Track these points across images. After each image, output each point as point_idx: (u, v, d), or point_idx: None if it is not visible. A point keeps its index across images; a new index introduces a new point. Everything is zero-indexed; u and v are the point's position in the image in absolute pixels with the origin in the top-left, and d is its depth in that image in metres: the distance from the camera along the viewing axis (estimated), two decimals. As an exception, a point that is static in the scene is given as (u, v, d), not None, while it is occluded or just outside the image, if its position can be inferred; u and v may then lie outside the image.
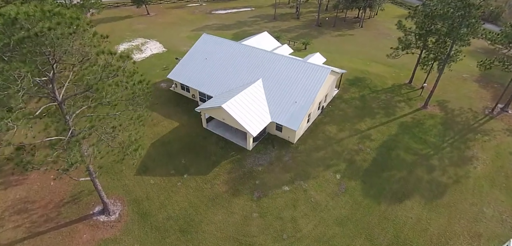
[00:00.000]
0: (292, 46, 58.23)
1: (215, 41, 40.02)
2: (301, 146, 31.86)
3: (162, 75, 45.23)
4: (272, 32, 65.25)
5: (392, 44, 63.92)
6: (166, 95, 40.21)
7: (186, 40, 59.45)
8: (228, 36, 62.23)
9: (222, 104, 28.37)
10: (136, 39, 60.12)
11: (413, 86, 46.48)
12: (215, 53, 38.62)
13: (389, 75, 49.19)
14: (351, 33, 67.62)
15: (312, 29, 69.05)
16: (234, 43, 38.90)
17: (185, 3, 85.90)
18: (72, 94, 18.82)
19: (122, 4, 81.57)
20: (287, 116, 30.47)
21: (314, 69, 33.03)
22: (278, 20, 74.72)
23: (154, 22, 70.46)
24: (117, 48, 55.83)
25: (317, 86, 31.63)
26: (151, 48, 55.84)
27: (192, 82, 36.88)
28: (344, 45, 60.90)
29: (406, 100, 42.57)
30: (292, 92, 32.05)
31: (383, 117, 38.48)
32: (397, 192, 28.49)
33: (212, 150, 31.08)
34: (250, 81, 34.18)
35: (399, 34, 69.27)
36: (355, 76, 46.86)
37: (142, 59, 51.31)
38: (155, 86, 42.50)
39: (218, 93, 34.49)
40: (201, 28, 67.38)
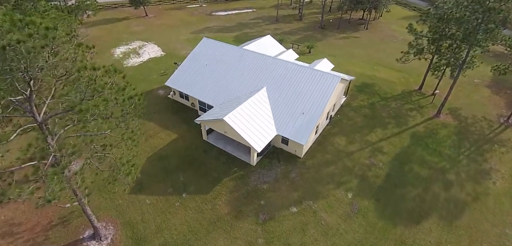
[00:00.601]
0: (295, 49, 55.96)
1: (216, 46, 37.75)
2: (309, 161, 29.60)
3: (159, 81, 42.94)
4: (274, 35, 62.99)
5: (399, 47, 62.09)
6: (164, 103, 37.93)
7: (186, 43, 57.18)
8: (229, 39, 60.02)
9: (224, 117, 26.12)
10: (134, 42, 57.80)
11: (423, 92, 44.25)
12: (216, 59, 36.36)
13: (398, 80, 46.95)
14: (356, 36, 65.36)
15: (316, 32, 66.77)
16: (236, 48, 36.65)
17: (184, 4, 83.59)
18: (53, 114, 16.53)
19: (120, 5, 79.29)
20: (294, 129, 28.21)
21: (322, 77, 30.76)
22: (280, 22, 72.44)
23: (152, 24, 68.15)
24: (113, 51, 53.57)
25: (326, 96, 29.38)
26: (149, 51, 53.54)
27: (191, 90, 34.62)
28: (349, 48, 58.65)
29: (418, 108, 40.34)
30: (299, 102, 29.80)
31: (395, 127, 36.25)
32: (413, 212, 26.27)
33: (213, 165, 28.81)
34: (254, 89, 31.93)
35: (406, 37, 67.43)
36: (363, 82, 44.59)
37: (139, 64, 49.02)
38: (152, 93, 40.21)
39: (219, 103, 32.24)
40: (201, 30, 65.11)
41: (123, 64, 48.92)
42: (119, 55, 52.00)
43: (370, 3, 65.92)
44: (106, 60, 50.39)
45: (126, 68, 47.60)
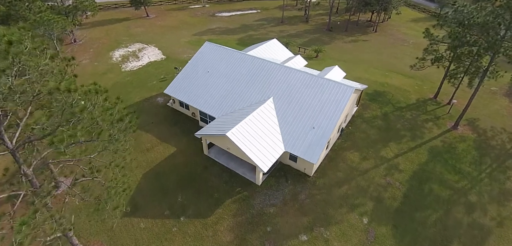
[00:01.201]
0: (302, 54, 53.41)
1: (219, 51, 35.30)
2: (320, 180, 27.06)
3: (159, 88, 40.55)
4: (279, 38, 60.39)
5: (411, 52, 59.42)
6: (163, 112, 35.53)
7: (187, 46, 54.79)
8: (232, 42, 57.55)
9: (227, 133, 23.67)
10: (133, 44, 55.51)
11: (439, 101, 41.51)
12: (219, 65, 33.91)
13: (411, 88, 44.24)
14: (365, 39, 62.62)
15: (323, 34, 64.10)
16: (241, 54, 34.16)
17: (186, 5, 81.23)
18: (26, 141, 14.17)
19: (121, 5, 77.14)
20: (304, 145, 25.69)
21: (335, 87, 28.20)
22: (286, 23, 69.84)
23: (153, 25, 65.83)
24: (112, 54, 51.29)
25: (339, 109, 26.83)
26: (148, 55, 51.20)
27: (192, 99, 32.19)
28: (358, 52, 55.95)
29: (434, 119, 37.63)
30: (309, 114, 27.26)
31: (410, 140, 33.61)
32: (435, 240, 23.68)
33: (215, 184, 26.37)
34: (259, 100, 29.45)
35: (417, 40, 64.71)
36: (374, 90, 41.94)
37: (138, 68, 46.67)
38: (151, 101, 37.81)
39: (221, 114, 29.79)
40: (203, 32, 62.68)
41: (122, 69, 46.61)
42: (118, 59, 49.71)
43: (380, 4, 63.14)
44: (104, 64, 48.18)
45: (124, 73, 45.30)
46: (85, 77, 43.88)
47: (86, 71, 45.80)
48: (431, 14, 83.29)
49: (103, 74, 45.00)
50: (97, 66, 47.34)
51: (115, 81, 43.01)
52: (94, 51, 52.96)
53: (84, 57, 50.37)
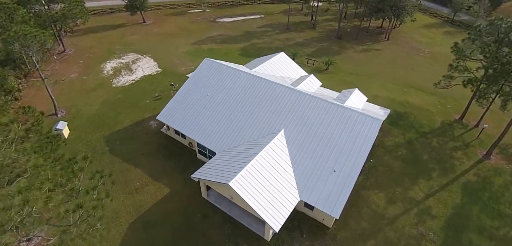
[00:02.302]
0: (311, 65, 48.91)
1: (220, 70, 30.86)
2: (341, 232, 22.59)
3: (152, 109, 36.11)
4: (286, 47, 55.94)
5: (427, 63, 54.54)
6: (156, 141, 31.11)
7: (185, 58, 50.30)
8: (234, 52, 53.04)
9: (230, 182, 19.24)
10: (127, 54, 51.06)
11: (466, 124, 37.00)
12: (220, 87, 29.46)
13: (434, 108, 39.70)
14: (378, 48, 58.04)
15: (332, 43, 59.53)
16: (246, 74, 29.66)
17: (186, 9, 76.68)
18: None
19: (117, 9, 72.51)
20: (324, 194, 21.22)
21: (359, 119, 23.73)
22: (292, 30, 65.26)
23: (149, 32, 61.34)
24: (103, 67, 46.85)
25: (366, 147, 22.40)
26: (143, 67, 46.75)
27: (188, 128, 27.74)
28: (372, 64, 51.40)
29: (463, 147, 33.16)
30: (329, 153, 22.81)
31: (441, 176, 29.13)
32: None
33: (215, 239, 21.93)
34: (268, 131, 25.01)
35: (433, 49, 59.99)
36: (395, 111, 37.42)
37: (131, 83, 42.20)
38: (143, 125, 33.39)
39: (223, 148, 25.34)
40: (203, 40, 58.15)
41: (113, 84, 42.16)
42: (109, 72, 45.26)
43: (393, 10, 58.48)
44: (94, 78, 43.74)
45: (115, 89, 40.85)
46: (72, 95, 39.57)
47: (74, 87, 41.37)
48: (444, 19, 78.70)
49: (91, 91, 40.57)
50: (86, 81, 42.90)
51: (105, 99, 38.58)
52: (84, 62, 48.53)
53: (73, 70, 45.94)
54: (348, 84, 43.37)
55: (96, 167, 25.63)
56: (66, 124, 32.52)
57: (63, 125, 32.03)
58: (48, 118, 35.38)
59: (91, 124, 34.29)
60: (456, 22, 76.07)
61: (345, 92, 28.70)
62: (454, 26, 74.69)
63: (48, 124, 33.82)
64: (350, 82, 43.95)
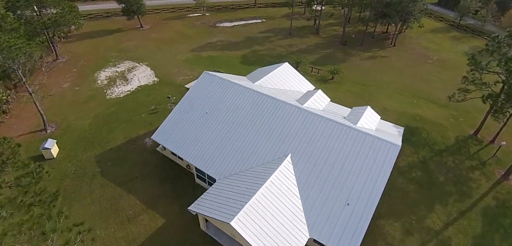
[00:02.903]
0: (315, 74, 46.66)
1: (220, 85, 28.61)
2: (354, 272, 20.37)
3: (148, 124, 33.90)
4: (289, 54, 53.73)
5: (437, 71, 51.93)
6: (151, 161, 28.86)
7: (183, 66, 48.00)
8: (235, 59, 50.77)
9: (231, 221, 17.02)
10: (123, 62, 48.80)
11: (481, 139, 34.82)
12: (220, 104, 27.22)
13: (446, 121, 37.49)
14: (384, 55, 55.80)
15: (336, 49, 57.28)
16: (248, 90, 27.37)
17: (185, 13, 74.41)
18: None
19: (113, 13, 70.26)
20: (336, 230, 18.99)
21: (376, 145, 21.50)
22: (294, 35, 63.00)
23: (146, 38, 59.05)
24: (97, 76, 44.58)
25: (383, 176, 20.19)
26: (139, 76, 44.48)
27: (186, 150, 25.48)
28: (378, 72, 49.16)
29: (480, 166, 30.98)
30: (341, 183, 20.58)
31: (458, 200, 26.94)
32: None
33: (215, 280, 19.73)
34: (273, 156, 22.79)
35: (441, 56, 57.60)
36: (406, 125, 35.17)
37: (126, 95, 39.92)
38: (137, 143, 31.12)
39: (224, 174, 23.10)
40: (202, 47, 55.86)
41: (107, 95, 39.89)
42: (103, 82, 42.99)
43: (399, 15, 56.26)
44: (87, 89, 41.48)
45: (109, 101, 38.58)
46: (63, 108, 37.34)
47: (65, 99, 39.11)
48: (450, 24, 76.56)
49: (84, 103, 38.30)
50: (78, 92, 40.64)
51: (97, 112, 36.31)
52: (78, 71, 46.26)
53: (65, 80, 43.66)
54: (356, 95, 41.15)
55: (77, 212, 23.53)
56: (55, 141, 30.28)
57: (52, 143, 29.80)
58: (37, 134, 33.18)
59: (82, 140, 32.04)
60: (462, 26, 73.94)
61: (356, 110, 26.45)
62: (460, 30, 72.52)
63: (37, 141, 31.65)
64: (357, 93, 41.74)
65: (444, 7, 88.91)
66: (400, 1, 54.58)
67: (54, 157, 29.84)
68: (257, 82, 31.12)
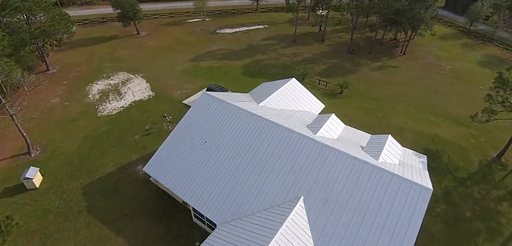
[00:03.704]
0: (323, 87, 43.55)
1: (222, 109, 25.53)
2: None
3: (141, 147, 30.85)
4: (294, 63, 50.67)
5: (451, 83, 47.85)
6: (143, 195, 25.79)
7: (181, 78, 44.92)
8: (236, 70, 47.66)
9: (236, 293, 13.94)
10: (117, 74, 45.75)
11: (505, 163, 31.80)
12: (222, 132, 24.16)
13: (467, 142, 34.44)
14: (394, 65, 52.72)
15: (344, 58, 54.18)
16: (252, 116, 24.24)
17: (184, 18, 71.34)
18: None
19: (109, 18, 67.19)
20: (359, 296, 15.92)
21: (403, 188, 18.40)
22: (299, 43, 59.91)
23: (143, 46, 55.99)
24: (89, 89, 41.54)
25: (413, 227, 17.12)
26: (133, 90, 41.41)
27: (182, 186, 22.39)
28: (390, 85, 46.07)
29: (507, 197, 27.97)
30: (364, 234, 17.50)
31: (488, 240, 23.91)
32: None
33: None
34: (283, 198, 19.73)
35: (454, 66, 54.09)
36: (425, 149, 32.18)
37: (119, 111, 36.85)
38: (127, 172, 28.02)
39: (224, 218, 20.04)
40: (202, 56, 52.78)
41: (98, 112, 36.84)
42: (95, 96, 39.93)
43: (410, 23, 53.14)
44: (77, 104, 38.47)
45: (100, 119, 35.54)
46: (50, 126, 34.34)
47: (53, 116, 36.08)
48: (459, 30, 73.53)
49: (73, 121, 35.27)
50: (68, 108, 37.59)
51: (87, 132, 33.28)
52: (69, 83, 43.22)
53: (55, 94, 40.62)
54: (368, 112, 38.06)
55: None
56: (38, 170, 27.25)
57: (34, 172, 26.77)
58: (20, 158, 30.15)
59: (69, 166, 29.00)
60: (473, 32, 70.91)
61: (376, 140, 23.37)
62: (471, 37, 69.49)
63: (20, 167, 28.61)
64: (369, 110, 38.65)
65: (452, 11, 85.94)
66: (412, 8, 51.60)
67: (36, 187, 26.82)
68: (262, 103, 28.10)
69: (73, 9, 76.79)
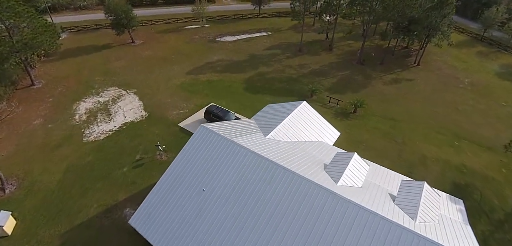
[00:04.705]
0: (334, 105, 39.58)
1: (222, 146, 21.60)
2: None
3: (130, 182, 26.91)
4: (301, 76, 46.73)
5: (472, 99, 42.82)
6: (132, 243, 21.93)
7: (178, 94, 40.96)
8: (238, 85, 43.64)
9: None
10: (107, 89, 41.84)
11: (545, 198, 27.90)
12: (222, 177, 20.24)
13: (498, 173, 30.57)
14: (409, 78, 48.77)
15: (354, 70, 50.22)
16: (259, 158, 20.24)
17: (182, 24, 67.42)
18: None
19: (103, 25, 63.26)
20: None
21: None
22: (305, 53, 55.99)
23: (137, 56, 52.08)
24: (75, 109, 37.64)
25: None
26: (124, 109, 37.49)
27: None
28: (407, 101, 42.12)
29: (555, 243, 24.03)
30: None
31: None
32: None
33: None
34: (297, 268, 15.81)
35: (473, 79, 49.48)
36: (452, 182, 28.36)
37: (107, 136, 32.91)
38: (115, 216, 24.07)
39: (228, 292, 16.15)
40: (200, 68, 48.85)
41: (84, 136, 32.91)
42: (82, 117, 36.02)
43: (425, 31, 49.19)
44: (61, 127, 34.59)
45: (85, 145, 31.62)
46: (30, 154, 30.47)
47: (34, 141, 32.18)
48: (472, 36, 69.80)
49: (56, 148, 31.37)
50: (51, 132, 33.69)
51: (70, 162, 29.38)
52: (54, 101, 39.31)
53: (38, 113, 36.72)
54: (386, 136, 34.14)
55: None
56: (10, 214, 23.33)
57: (5, 217, 22.88)
58: (-9, 196, 26.24)
59: (48, 206, 25.10)
60: (487, 39, 67.09)
61: (409, 186, 19.42)
62: (485, 44, 65.76)
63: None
64: (387, 133, 34.75)
65: (462, 16, 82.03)
66: (427, 16, 47.70)
67: (8, 235, 22.95)
68: (270, 134, 24.25)
69: (66, 15, 73.04)
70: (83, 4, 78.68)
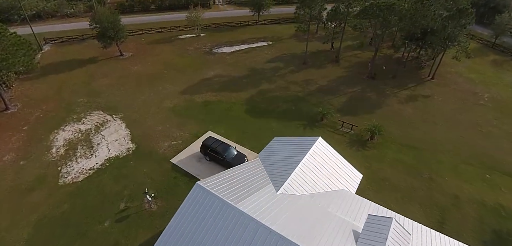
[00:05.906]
0: (348, 131, 35.17)
1: (222, 211, 17.00)
2: None
3: (114, 244, 22.22)
4: (307, 95, 42.21)
5: (494, 117, 38.46)
6: None
7: (170, 120, 36.23)
8: (238, 107, 38.85)
9: None
10: (91, 114, 37.02)
11: None
12: None
13: (543, 214, 26.38)
14: (425, 94, 44.53)
15: (365, 86, 45.81)
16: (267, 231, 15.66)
17: (175, 33, 62.58)
18: None
19: (90, 35, 58.07)
20: None
21: None
22: (309, 65, 51.53)
23: (126, 72, 47.24)
24: (52, 141, 32.79)
25: None
26: (109, 140, 32.72)
27: None
28: (427, 125, 37.78)
29: None
30: None
31: None
32: None
33: None
34: None
35: (493, 94, 44.94)
36: (493, 230, 24.12)
37: (87, 177, 28.10)
38: (91, 295, 19.49)
39: None
40: (196, 85, 44.15)
41: (60, 177, 28.08)
42: (60, 151, 31.20)
43: (441, 42, 44.97)
44: (35, 164, 29.78)
45: (61, 189, 26.81)
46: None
47: (2, 184, 27.32)
48: (484, 44, 66.14)
49: (26, 192, 26.55)
50: (22, 171, 28.83)
51: (42, 214, 24.60)
52: (29, 130, 34.45)
53: (10, 146, 31.84)
54: (410, 171, 29.77)
55: None
56: (-43, 293, 18.63)
57: None
58: None
59: (9, 277, 20.41)
60: (499, 46, 63.49)
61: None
62: (498, 52, 62.15)
63: None
64: (411, 166, 30.40)
65: (473, 22, 78.17)
66: (444, 26, 43.56)
67: None
68: (281, 189, 19.80)
69: (52, 23, 68.06)
70: (70, 11, 73.69)
